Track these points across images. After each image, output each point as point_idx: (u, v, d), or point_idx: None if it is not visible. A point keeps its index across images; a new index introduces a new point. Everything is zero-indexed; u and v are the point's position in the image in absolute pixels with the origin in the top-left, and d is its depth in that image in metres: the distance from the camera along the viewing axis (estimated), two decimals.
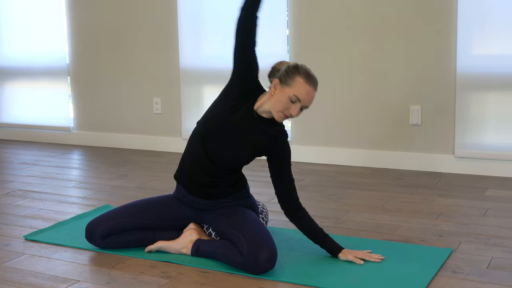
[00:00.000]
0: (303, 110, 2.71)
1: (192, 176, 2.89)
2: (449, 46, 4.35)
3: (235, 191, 2.91)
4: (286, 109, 2.67)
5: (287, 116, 2.69)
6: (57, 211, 3.68)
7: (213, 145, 2.81)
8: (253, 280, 2.59)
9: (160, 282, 2.59)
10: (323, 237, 2.80)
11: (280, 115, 2.69)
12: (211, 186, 2.87)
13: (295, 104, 2.67)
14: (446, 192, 3.93)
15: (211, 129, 2.81)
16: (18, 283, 2.62)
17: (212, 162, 2.83)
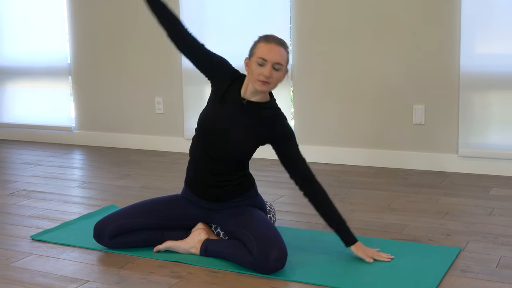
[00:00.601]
0: (278, 69, 2.68)
1: (199, 179, 2.89)
2: (453, 45, 4.36)
3: (243, 191, 2.91)
4: (259, 74, 2.68)
5: (265, 81, 2.68)
6: (63, 211, 3.68)
7: (212, 143, 2.82)
8: (263, 279, 2.59)
9: (171, 282, 2.58)
10: (339, 224, 2.76)
11: (258, 83, 2.70)
12: (219, 186, 2.87)
13: (264, 66, 2.68)
14: (451, 191, 3.94)
15: (206, 128, 2.82)
16: (28, 283, 2.61)
17: (216, 161, 2.83)
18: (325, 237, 3.08)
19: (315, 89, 4.84)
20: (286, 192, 4.03)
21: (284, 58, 2.72)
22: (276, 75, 2.70)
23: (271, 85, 2.72)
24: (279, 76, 2.72)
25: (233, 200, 2.90)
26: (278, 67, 2.68)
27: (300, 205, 3.69)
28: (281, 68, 2.70)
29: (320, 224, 3.32)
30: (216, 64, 2.85)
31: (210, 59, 2.85)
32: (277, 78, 2.71)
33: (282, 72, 2.72)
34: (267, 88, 2.71)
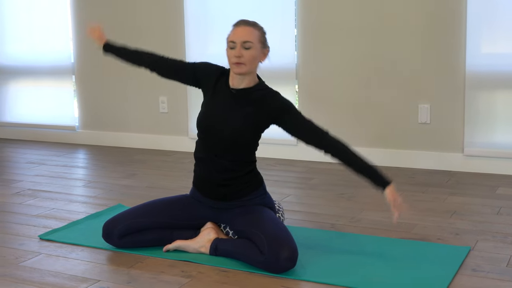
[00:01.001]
0: (248, 47, 2.71)
1: (206, 179, 2.89)
2: (459, 44, 4.35)
3: (251, 189, 2.90)
4: (232, 57, 2.73)
5: (237, 62, 2.72)
6: (69, 211, 3.67)
7: (213, 139, 2.83)
8: (274, 279, 2.58)
9: (181, 282, 2.58)
10: (370, 167, 2.72)
11: (233, 67, 2.74)
12: (227, 184, 2.86)
13: (234, 48, 2.73)
14: (458, 190, 3.94)
15: (205, 126, 2.85)
16: (38, 283, 2.60)
17: (221, 157, 2.83)
18: (333, 236, 3.08)
19: (320, 88, 4.84)
20: (293, 191, 4.02)
21: (254, 36, 2.73)
22: (248, 54, 2.72)
23: (247, 65, 2.73)
24: (252, 54, 2.73)
25: (242, 198, 2.89)
26: (247, 45, 2.71)
27: (307, 205, 3.69)
28: (251, 46, 2.72)
29: (328, 223, 3.33)
30: (199, 70, 2.91)
31: (191, 70, 2.92)
32: (251, 57, 2.72)
33: (254, 50, 2.73)
34: (242, 69, 2.73)
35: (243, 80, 2.81)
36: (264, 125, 2.86)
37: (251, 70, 2.78)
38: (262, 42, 2.78)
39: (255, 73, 2.85)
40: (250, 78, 2.82)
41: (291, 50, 4.89)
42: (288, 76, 4.92)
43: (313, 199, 3.81)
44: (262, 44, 2.78)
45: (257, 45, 2.75)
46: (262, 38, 2.78)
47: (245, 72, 2.76)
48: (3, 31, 6.17)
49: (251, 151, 2.90)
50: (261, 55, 2.79)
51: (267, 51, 2.82)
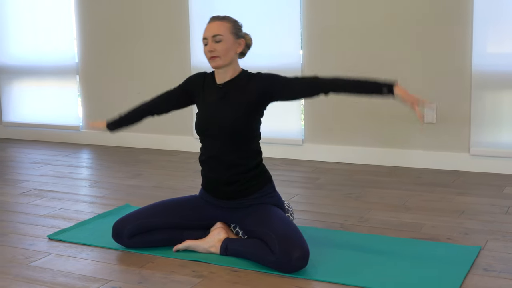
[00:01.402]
0: (219, 40, 2.76)
1: (213, 178, 2.89)
2: (465, 44, 4.35)
3: (259, 186, 2.89)
4: (206, 52, 2.80)
5: (212, 56, 2.78)
6: (77, 211, 3.66)
7: (213, 137, 2.85)
8: (286, 279, 2.58)
9: (193, 281, 2.58)
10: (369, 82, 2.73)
11: (209, 62, 2.81)
12: (235, 181, 2.85)
13: (207, 44, 2.80)
14: (465, 190, 3.94)
15: (203, 127, 2.88)
16: (50, 283, 2.60)
17: (224, 153, 2.84)
18: (343, 236, 3.08)
19: None
20: (299, 191, 4.02)
21: (223, 28, 2.78)
22: (221, 47, 2.77)
23: (222, 57, 2.78)
24: (224, 46, 2.77)
25: (251, 196, 2.88)
26: (218, 38, 2.76)
27: (315, 204, 3.69)
28: (222, 38, 2.76)
29: (337, 222, 3.33)
30: (186, 86, 3.00)
31: (180, 91, 3.02)
32: (223, 49, 2.77)
33: (226, 42, 2.78)
34: (217, 62, 2.78)
35: (226, 73, 2.86)
36: (259, 106, 2.86)
37: (228, 62, 2.82)
38: (235, 33, 2.82)
39: (235, 64, 2.89)
40: (232, 69, 2.86)
41: (297, 50, 4.88)
42: (293, 75, 4.90)
43: (320, 199, 3.81)
44: (234, 35, 2.82)
45: (229, 37, 2.79)
46: (233, 29, 2.82)
47: (221, 65, 2.80)
48: (7, 31, 6.17)
49: (253, 140, 2.89)
50: (236, 45, 2.83)
51: (242, 41, 2.85)
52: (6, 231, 3.30)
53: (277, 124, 5.02)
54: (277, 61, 4.94)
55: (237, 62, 2.89)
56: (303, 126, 4.97)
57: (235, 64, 2.88)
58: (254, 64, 5.00)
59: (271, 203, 2.92)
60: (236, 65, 2.89)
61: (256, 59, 5.00)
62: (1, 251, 2.99)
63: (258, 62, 5.00)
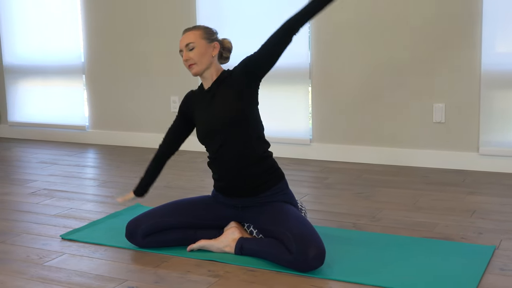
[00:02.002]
0: (192, 47, 2.83)
1: (224, 177, 2.88)
2: (474, 43, 4.36)
3: (272, 183, 2.87)
4: (184, 62, 2.87)
5: (189, 65, 2.85)
6: (87, 210, 3.66)
7: (214, 140, 2.86)
8: (303, 278, 2.58)
9: (210, 281, 2.57)
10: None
11: (189, 70, 2.88)
12: (247, 175, 2.84)
13: (183, 55, 2.88)
14: (475, 189, 3.94)
15: (204, 136, 2.91)
16: (65, 282, 2.59)
17: (230, 147, 2.84)
18: (356, 236, 3.08)
19: (334, 88, 4.84)
20: (309, 190, 4.02)
21: (194, 36, 2.85)
22: (194, 54, 2.83)
23: (198, 63, 2.84)
24: (198, 51, 2.83)
25: (264, 193, 2.86)
26: (190, 46, 2.83)
27: (326, 204, 3.69)
28: (194, 45, 2.83)
29: (350, 222, 3.33)
30: (183, 107, 3.03)
31: (182, 116, 3.04)
32: (198, 55, 2.83)
33: (199, 48, 2.83)
34: (195, 68, 2.85)
35: (209, 77, 2.90)
36: (250, 89, 2.85)
37: (205, 66, 2.87)
38: (206, 38, 2.87)
39: (216, 66, 2.92)
40: (214, 72, 2.90)
41: (305, 49, 4.88)
42: (301, 75, 4.92)
43: (330, 199, 3.81)
44: (207, 40, 2.87)
45: (201, 42, 2.85)
46: (204, 34, 2.87)
47: (199, 70, 2.86)
48: (13, 30, 6.16)
49: (254, 127, 2.87)
50: (210, 49, 2.87)
51: (217, 44, 2.89)
52: (18, 231, 3.30)
53: (285, 124, 5.02)
54: (286, 60, 4.94)
55: (216, 64, 2.93)
56: (311, 125, 4.97)
57: (216, 67, 2.92)
58: None
59: (285, 200, 2.91)
60: (217, 67, 2.92)
61: None
62: (15, 251, 2.98)
63: None
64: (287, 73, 4.96)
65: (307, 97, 4.95)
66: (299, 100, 4.97)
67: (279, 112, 5.03)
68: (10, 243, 3.10)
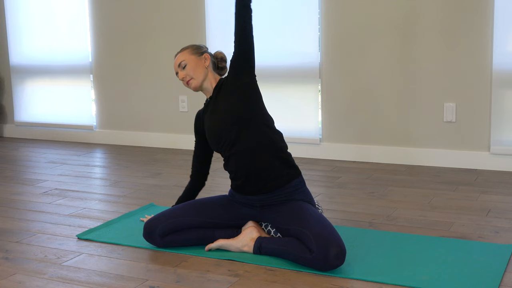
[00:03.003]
0: (184, 65, 2.94)
1: (242, 174, 2.87)
2: (485, 42, 4.36)
3: (288, 178, 2.86)
4: (182, 81, 2.99)
5: (187, 81, 2.96)
6: (101, 210, 3.66)
7: (227, 138, 2.87)
8: (324, 277, 2.58)
9: (231, 280, 2.57)
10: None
11: (188, 87, 2.99)
12: (263, 168, 2.84)
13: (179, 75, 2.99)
14: (488, 188, 3.94)
15: (215, 144, 2.94)
16: (86, 282, 2.59)
17: (242, 144, 2.84)
18: (373, 235, 3.08)
19: (343, 87, 4.83)
20: (322, 190, 4.02)
21: (184, 55, 2.96)
22: (188, 69, 2.93)
23: (195, 77, 2.94)
24: (191, 66, 2.93)
25: (280, 190, 2.85)
26: (183, 64, 2.95)
27: (340, 203, 3.68)
28: (185, 63, 2.94)
29: (365, 221, 3.32)
30: (197, 133, 3.11)
31: (198, 139, 3.11)
32: (191, 69, 2.93)
33: (191, 63, 2.93)
34: (193, 83, 2.95)
35: (208, 87, 2.97)
36: (245, 87, 2.88)
37: (202, 78, 2.95)
38: (195, 53, 2.97)
39: (212, 76, 3.00)
40: (211, 81, 2.98)
41: (315, 49, 4.88)
42: (311, 75, 4.91)
43: (344, 198, 3.81)
44: (196, 55, 2.97)
45: (191, 58, 2.95)
46: (193, 51, 2.98)
47: (197, 84, 2.95)
48: (20, 30, 6.15)
49: (262, 121, 2.88)
50: (202, 61, 2.96)
51: (207, 56, 2.97)
52: (34, 230, 3.29)
53: (294, 123, 5.01)
54: (295, 60, 4.94)
55: (213, 74, 2.99)
56: (321, 125, 4.97)
57: (213, 76, 2.99)
58: (273, 63, 5.01)
59: (303, 199, 2.90)
60: (214, 77, 3.00)
61: (275, 58, 5.01)
62: (32, 251, 2.98)
63: (276, 61, 5.01)
64: (296, 73, 4.95)
65: (316, 96, 4.94)
66: (308, 99, 4.97)
67: (288, 111, 5.02)
68: (26, 243, 3.09)
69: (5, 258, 2.89)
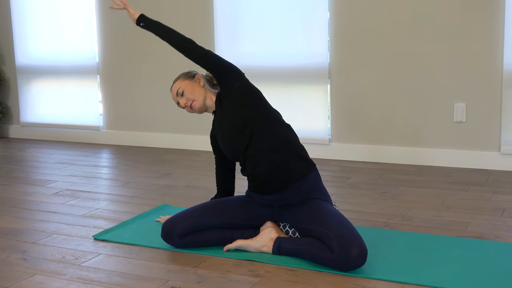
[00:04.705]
0: (181, 92, 3.01)
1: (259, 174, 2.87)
2: (496, 42, 4.36)
3: (304, 171, 2.86)
4: (185, 108, 3.05)
5: (189, 108, 3.03)
6: (115, 211, 3.65)
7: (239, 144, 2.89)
8: (345, 277, 2.57)
9: (252, 281, 2.57)
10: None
11: (192, 111, 3.05)
12: (278, 167, 2.84)
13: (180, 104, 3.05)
14: (499, 188, 3.94)
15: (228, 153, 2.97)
16: (106, 283, 2.58)
17: (255, 144, 2.85)
18: (390, 235, 3.08)
19: (353, 88, 4.83)
20: (335, 190, 4.01)
21: (179, 84, 3.03)
22: (187, 95, 3.00)
23: (196, 99, 3.00)
24: (189, 90, 3.00)
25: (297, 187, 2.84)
26: (180, 91, 3.02)
27: (354, 203, 3.68)
28: (183, 90, 3.01)
29: (381, 221, 3.33)
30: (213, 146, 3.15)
31: (216, 152, 3.15)
32: (190, 93, 3.00)
33: (188, 88, 3.00)
34: (196, 106, 3.00)
35: (211, 104, 3.03)
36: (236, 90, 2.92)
37: (202, 98, 3.00)
38: (188, 77, 3.04)
39: (211, 93, 3.04)
40: (211, 97, 3.03)
41: (324, 50, 4.88)
42: (320, 75, 4.91)
43: (357, 198, 3.81)
44: (189, 79, 3.04)
45: (185, 83, 3.02)
46: (184, 77, 3.05)
47: (200, 105, 3.00)
48: (26, 31, 6.14)
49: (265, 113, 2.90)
50: (196, 82, 3.03)
51: (199, 76, 3.05)
52: (49, 231, 3.29)
53: (303, 124, 5.01)
54: (305, 60, 4.94)
55: (211, 91, 3.05)
56: (330, 125, 4.97)
57: (211, 93, 3.04)
58: (282, 63, 5.01)
59: (320, 198, 2.89)
60: (213, 93, 3.04)
61: (284, 59, 5.01)
62: (50, 252, 2.97)
63: (285, 62, 5.01)
64: (306, 73, 4.95)
65: (326, 97, 4.94)
66: (318, 100, 4.97)
67: (298, 112, 5.02)
68: (42, 244, 3.08)
69: (23, 259, 2.88)
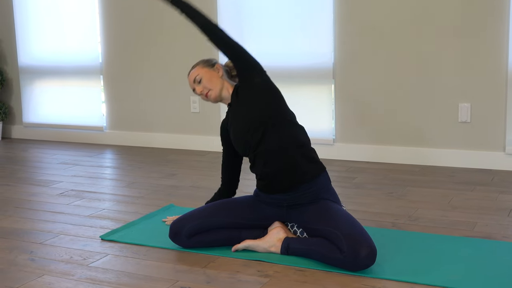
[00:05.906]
0: (199, 80, 2.99)
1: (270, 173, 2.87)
2: (501, 42, 4.36)
3: (315, 172, 2.86)
4: (201, 96, 3.03)
5: (206, 94, 3.00)
6: (121, 211, 3.64)
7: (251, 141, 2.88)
8: (354, 277, 2.57)
9: (261, 281, 2.56)
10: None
11: (207, 100, 3.04)
12: (289, 166, 2.84)
13: (196, 91, 3.04)
14: (505, 189, 3.94)
15: (240, 148, 2.97)
16: (115, 283, 2.58)
17: (267, 142, 2.85)
18: (398, 235, 3.08)
19: (357, 88, 4.83)
20: (340, 190, 3.98)
21: (197, 71, 3.02)
22: (204, 83, 2.98)
23: (213, 88, 2.98)
24: (206, 78, 2.98)
25: (307, 188, 2.84)
26: (198, 78, 3.00)
27: (360, 203, 3.68)
28: (200, 77, 2.99)
29: (388, 221, 3.32)
30: (223, 138, 3.15)
31: (225, 143, 3.15)
32: (207, 81, 2.98)
33: (205, 76, 2.99)
34: (211, 96, 2.99)
35: (227, 96, 3.01)
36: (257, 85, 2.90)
37: (219, 88, 2.99)
38: (207, 65, 3.03)
39: (228, 84, 3.02)
40: (229, 89, 3.01)
41: (328, 49, 4.88)
42: (325, 75, 4.91)
43: (363, 198, 3.81)
44: (208, 67, 3.02)
45: (204, 71, 3.01)
46: (204, 64, 3.03)
47: (216, 95, 2.99)
48: (29, 31, 6.13)
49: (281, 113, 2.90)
50: (215, 72, 3.02)
51: (218, 66, 3.03)
52: (56, 232, 3.28)
53: (308, 124, 4.97)
54: (309, 60, 4.94)
55: (229, 82, 3.03)
56: (334, 125, 4.97)
57: (229, 84, 3.02)
58: (287, 63, 5.01)
59: (329, 198, 2.89)
60: (230, 84, 3.03)
61: (288, 59, 5.01)
62: (57, 252, 2.96)
63: (290, 62, 5.01)
64: (310, 73, 4.95)
65: (330, 97, 4.94)
66: (322, 100, 4.97)
67: (302, 111, 4.99)
68: (49, 244, 3.08)
69: (31, 260, 2.87)
